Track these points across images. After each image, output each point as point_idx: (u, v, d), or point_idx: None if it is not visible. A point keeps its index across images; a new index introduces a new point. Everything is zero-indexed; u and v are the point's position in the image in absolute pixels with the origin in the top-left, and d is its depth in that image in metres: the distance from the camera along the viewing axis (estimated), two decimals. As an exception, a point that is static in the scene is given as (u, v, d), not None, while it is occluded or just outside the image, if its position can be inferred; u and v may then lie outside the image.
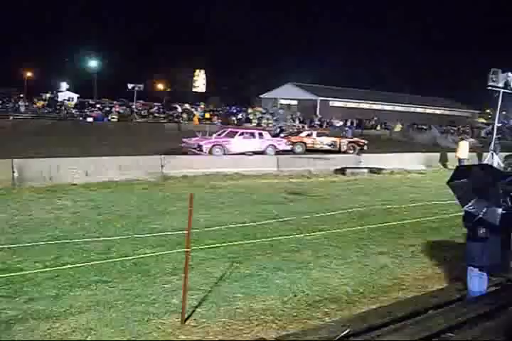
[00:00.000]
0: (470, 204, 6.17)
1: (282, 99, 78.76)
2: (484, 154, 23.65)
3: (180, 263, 7.03)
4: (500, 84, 20.94)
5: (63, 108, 53.86)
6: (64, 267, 7.23)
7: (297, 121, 55.25)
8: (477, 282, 6.50)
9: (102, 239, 8.94)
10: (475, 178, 6.30)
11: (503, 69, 21.03)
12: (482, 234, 6.16)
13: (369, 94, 79.65)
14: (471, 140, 33.05)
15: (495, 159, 21.45)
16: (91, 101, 62.12)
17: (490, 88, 21.20)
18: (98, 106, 56.81)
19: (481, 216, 6.02)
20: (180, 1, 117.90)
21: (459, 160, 21.88)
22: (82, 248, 8.45)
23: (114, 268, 7.53)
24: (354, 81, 79.67)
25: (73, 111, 51.77)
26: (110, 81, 79.78)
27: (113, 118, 49.42)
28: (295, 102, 77.03)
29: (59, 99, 61.34)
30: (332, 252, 8.98)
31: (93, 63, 78.41)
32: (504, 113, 61.31)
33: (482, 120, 75.47)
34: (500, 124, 44.52)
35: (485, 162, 20.50)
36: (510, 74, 21.17)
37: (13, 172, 14.11)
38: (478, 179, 6.26)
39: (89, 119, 47.50)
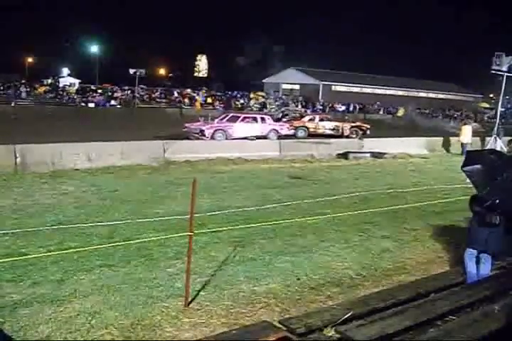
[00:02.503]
0: (484, 189, 6.19)
1: (284, 83, 78.42)
2: (487, 139, 23.57)
3: (184, 248, 7.07)
4: (504, 68, 20.77)
5: (65, 93, 53.62)
6: (68, 251, 7.26)
7: (300, 106, 55.01)
8: (482, 266, 6.53)
9: (105, 223, 8.98)
10: (488, 164, 6.31)
11: (506, 53, 20.87)
12: (493, 219, 6.18)
13: (372, 78, 79.17)
14: (474, 124, 32.90)
15: (498, 143, 21.37)
16: (92, 87, 61.93)
17: (493, 72, 21.05)
18: (100, 91, 56.58)
19: (497, 201, 6.03)
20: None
21: (462, 144, 21.83)
22: (86, 232, 8.49)
23: (118, 252, 7.56)
24: (356, 65, 79.06)
25: (75, 96, 51.50)
26: (112, 66, 79.60)
27: (115, 103, 49.25)
28: (297, 87, 76.68)
29: (60, 85, 61.04)
30: (334, 236, 9.02)
31: (94, 48, 78.13)
32: (508, 97, 60.99)
33: (485, 104, 74.94)
34: (503, 109, 44.36)
35: (488, 146, 20.43)
36: (513, 57, 21.00)
37: (16, 157, 14.11)
38: (491, 165, 6.27)
39: (91, 105, 47.28)
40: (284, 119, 32.80)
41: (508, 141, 22.77)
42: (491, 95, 66.12)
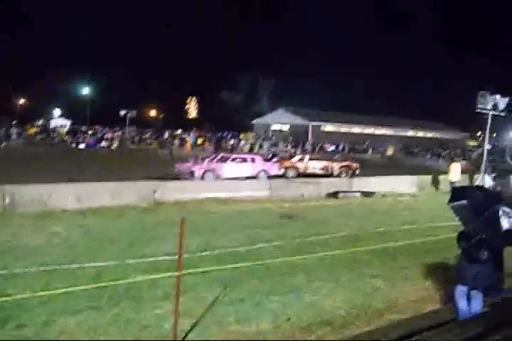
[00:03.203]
0: (471, 225, 6.23)
1: (274, 124, 79.16)
2: (475, 176, 23.77)
3: (173, 289, 6.97)
4: (489, 107, 21.16)
5: (55, 134, 53.83)
6: (54, 293, 7.15)
7: (289, 146, 55.44)
8: (473, 302, 6.50)
9: (93, 264, 8.89)
10: (474, 200, 6.37)
11: (491, 92, 21.29)
12: (481, 255, 6.19)
13: (360, 118, 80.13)
14: (462, 162, 33.21)
15: (486, 180, 21.56)
16: (83, 128, 62.23)
17: (478, 110, 21.41)
18: (90, 132, 56.88)
19: (483, 237, 6.06)
20: (173, 31, 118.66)
21: (451, 183, 21.98)
22: (73, 274, 8.39)
23: (106, 293, 7.45)
24: (345, 105, 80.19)
25: (66, 137, 51.74)
26: (103, 107, 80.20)
27: (105, 145, 49.45)
28: (287, 127, 77.39)
29: (51, 126, 61.33)
30: (325, 275, 8.95)
31: (86, 90, 78.74)
32: (494, 135, 61.85)
33: (473, 142, 76.01)
34: (490, 147, 44.86)
35: (476, 184, 20.59)
36: (497, 96, 21.42)
37: (5, 198, 14.04)
38: (477, 200, 6.33)
39: (82, 146, 47.52)
40: (274, 159, 32.96)
41: (493, 177, 22.95)
42: (478, 133, 67.04)
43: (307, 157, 31.15)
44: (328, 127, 76.82)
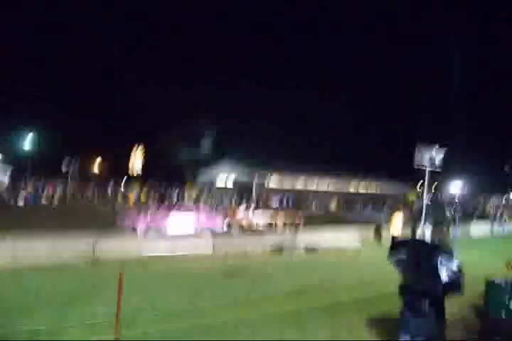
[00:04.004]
0: (411, 277, 6.29)
1: (218, 180, 79.42)
2: (417, 229, 24.28)
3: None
4: (426, 163, 21.89)
5: (-7, 191, 52.12)
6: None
7: (234, 202, 55.44)
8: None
9: (28, 328, 8.45)
10: (413, 252, 6.47)
11: (428, 143, 22.03)
12: (422, 307, 6.23)
13: (303, 175, 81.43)
14: (404, 215, 33.86)
15: (425, 232, 22.07)
16: (22, 184, 60.57)
17: (416, 167, 22.11)
18: (30, 189, 55.38)
19: (424, 288, 6.12)
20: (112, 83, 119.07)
21: (392, 237, 22.30)
22: (7, 337, 7.93)
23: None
24: (287, 162, 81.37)
25: (4, 194, 50.14)
26: (44, 157, 78.39)
27: (45, 202, 48.23)
28: (231, 183, 77.73)
29: (-12, 181, 59.36)
30: (270, 332, 8.79)
31: (25, 143, 77.01)
32: (433, 190, 63.72)
33: (413, 196, 78.01)
34: (429, 202, 46.08)
35: (417, 236, 21.02)
36: (434, 150, 22.21)
37: None
38: (416, 253, 6.44)
39: (21, 203, 46.11)
40: (219, 216, 32.80)
41: (432, 230, 23.52)
42: (417, 188, 68.97)
43: (251, 213, 31.16)
44: (272, 184, 77.56)
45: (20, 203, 45.87)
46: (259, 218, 30.09)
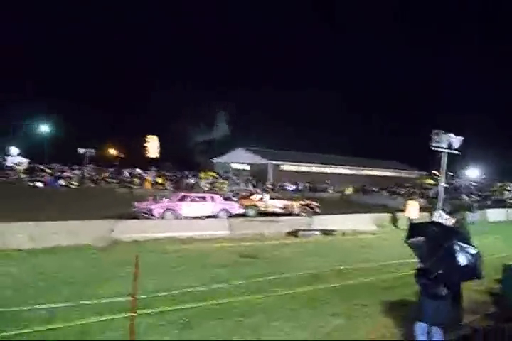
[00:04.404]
0: (429, 261, 6.24)
1: (234, 163, 79.44)
2: (434, 213, 24.11)
3: (127, 331, 6.75)
4: (444, 145, 21.67)
5: (12, 173, 52.63)
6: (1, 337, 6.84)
7: (250, 185, 55.49)
8: (434, 339, 6.47)
9: (45, 306, 8.56)
10: (431, 236, 6.41)
11: (444, 131, 21.85)
12: (440, 291, 6.18)
13: (319, 157, 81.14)
14: (420, 200, 33.73)
15: (443, 218, 21.87)
16: (41, 166, 61.06)
17: (434, 149, 21.88)
18: (48, 170, 55.83)
19: (441, 272, 6.07)
20: (134, 68, 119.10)
21: (409, 220, 22.21)
22: (23, 317, 8.04)
23: (57, 337, 7.16)
24: (304, 145, 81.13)
25: (23, 175, 50.65)
26: (61, 146, 78.98)
27: (63, 183, 48.60)
28: (247, 166, 77.67)
29: (8, 164, 59.96)
30: (285, 314, 8.82)
31: (44, 127, 77.67)
32: (450, 174, 63.30)
33: (429, 181, 77.53)
34: (447, 185, 45.75)
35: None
36: (451, 135, 21.99)
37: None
38: (434, 236, 6.37)
39: (39, 184, 46.52)
40: (234, 198, 32.87)
41: (450, 214, 23.34)
42: (435, 172, 68.39)
43: (267, 196, 31.17)
44: (288, 166, 77.38)
45: (39, 184, 46.32)
46: (275, 201, 30.08)
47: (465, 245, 6.16)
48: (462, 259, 6.05)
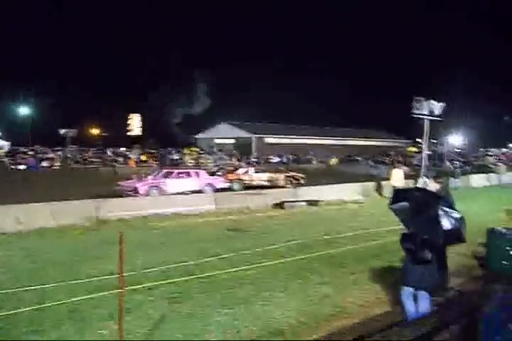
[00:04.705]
0: (413, 225, 6.28)
1: (218, 138, 79.26)
2: (418, 180, 24.30)
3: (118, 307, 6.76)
4: (425, 112, 21.71)
5: (-7, 156, 52.16)
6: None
7: (234, 159, 55.48)
8: (420, 303, 6.56)
9: (34, 287, 8.54)
10: (414, 200, 6.44)
11: (425, 98, 21.88)
12: (425, 255, 6.24)
13: (303, 129, 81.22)
14: (404, 168, 33.94)
15: (427, 184, 22.05)
16: (23, 149, 60.50)
17: (415, 116, 21.94)
18: (30, 153, 55.36)
19: (426, 237, 6.12)
20: (113, 44, 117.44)
21: (394, 188, 22.34)
22: (13, 298, 8.02)
23: (48, 316, 7.17)
24: (288, 117, 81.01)
25: (5, 159, 50.17)
26: (42, 127, 78.15)
27: (46, 165, 48.27)
28: (231, 141, 77.56)
29: (-13, 148, 59.39)
30: (273, 285, 8.88)
31: (24, 110, 76.63)
32: (434, 141, 63.71)
33: (413, 149, 78.13)
34: (430, 152, 46.07)
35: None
36: (432, 101, 22.03)
37: None
38: (417, 201, 6.41)
39: (22, 167, 46.20)
40: (219, 173, 32.90)
41: (434, 179, 23.52)
42: (419, 140, 68.86)
43: (252, 169, 31.21)
44: (272, 139, 77.37)
45: (21, 167, 45.96)
46: (260, 174, 30.14)
47: (449, 210, 6.20)
48: (446, 223, 6.09)
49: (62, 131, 54.74)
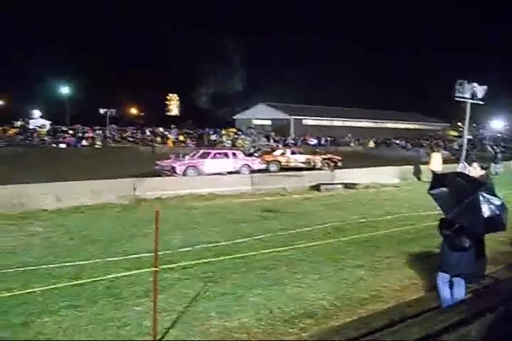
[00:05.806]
0: (452, 212, 6.16)
1: (255, 119, 79.15)
2: (458, 165, 23.87)
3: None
4: (467, 95, 21.20)
5: (35, 135, 53.13)
6: (32, 293, 7.02)
7: (271, 140, 55.39)
8: (456, 289, 6.47)
9: (73, 263, 8.73)
10: (454, 186, 6.31)
11: (468, 80, 21.34)
12: (463, 242, 6.14)
13: (341, 111, 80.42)
14: (444, 152, 33.39)
15: (467, 170, 21.65)
16: (63, 128, 61.53)
17: (457, 99, 21.44)
18: (71, 132, 56.27)
19: (465, 224, 6.01)
20: (149, 27, 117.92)
21: (433, 172, 22.02)
22: (52, 274, 8.22)
23: (85, 292, 7.33)
24: (326, 99, 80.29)
25: (46, 137, 51.14)
26: (83, 107, 79.46)
27: (86, 143, 49.05)
28: (268, 122, 77.38)
29: (30, 126, 60.51)
30: (308, 267, 8.89)
31: (65, 89, 77.85)
32: (474, 125, 62.38)
33: (453, 132, 76.63)
34: (471, 136, 45.16)
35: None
36: (475, 84, 21.48)
37: (-18, 199, 13.78)
38: (458, 187, 6.27)
39: (62, 145, 47.05)
40: (256, 154, 32.92)
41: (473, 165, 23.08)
42: (459, 123, 67.50)
43: (289, 151, 31.13)
44: (310, 121, 76.95)
45: (62, 145, 46.81)
46: (297, 155, 30.06)
47: (490, 196, 6.04)
48: (486, 210, 5.94)
49: (102, 111, 55.28)
